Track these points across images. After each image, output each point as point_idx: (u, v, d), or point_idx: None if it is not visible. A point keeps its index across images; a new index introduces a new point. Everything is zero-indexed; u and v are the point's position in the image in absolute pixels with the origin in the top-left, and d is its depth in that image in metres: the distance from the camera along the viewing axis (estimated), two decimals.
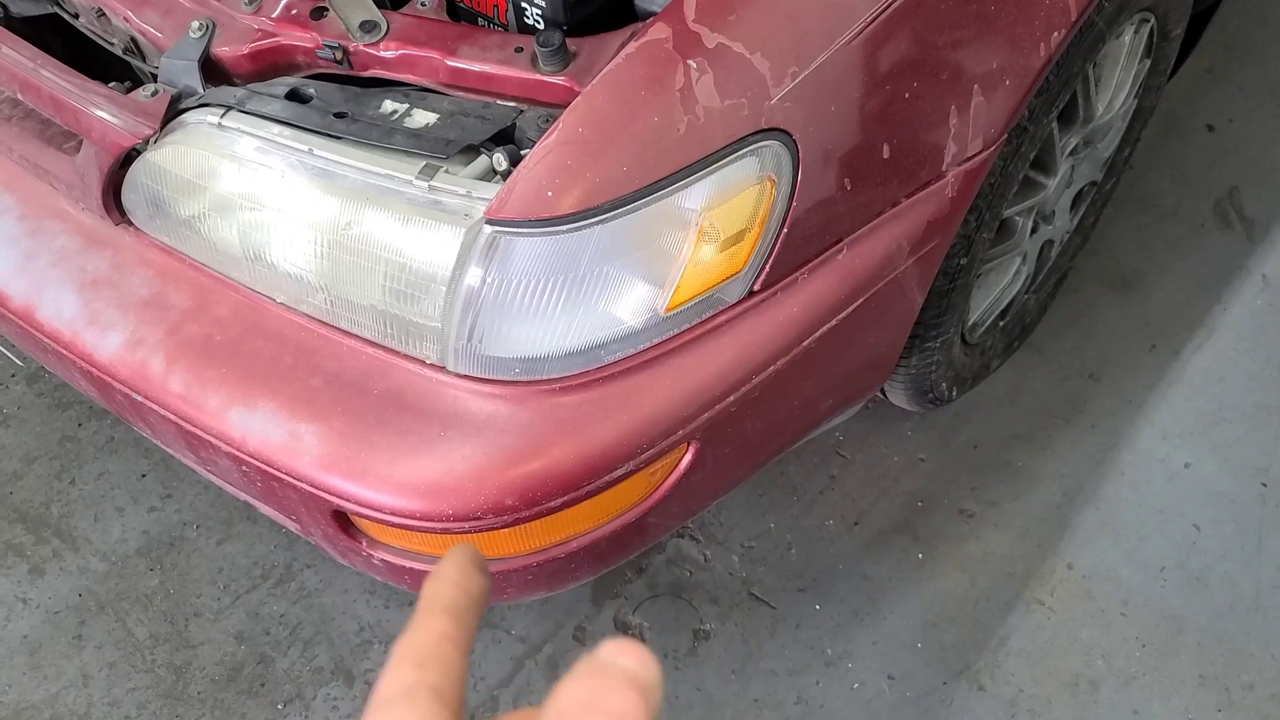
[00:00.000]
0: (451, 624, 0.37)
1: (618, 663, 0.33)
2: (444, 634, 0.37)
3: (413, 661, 0.35)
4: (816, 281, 1.07)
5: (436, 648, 0.36)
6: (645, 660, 0.33)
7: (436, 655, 0.36)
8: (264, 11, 1.04)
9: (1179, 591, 1.56)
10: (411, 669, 0.35)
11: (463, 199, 0.94)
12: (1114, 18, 1.25)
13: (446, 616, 0.37)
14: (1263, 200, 1.92)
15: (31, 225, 1.13)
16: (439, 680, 0.35)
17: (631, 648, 0.34)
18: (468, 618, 0.38)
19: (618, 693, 0.32)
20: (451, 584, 0.39)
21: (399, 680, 0.35)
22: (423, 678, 0.35)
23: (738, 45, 0.93)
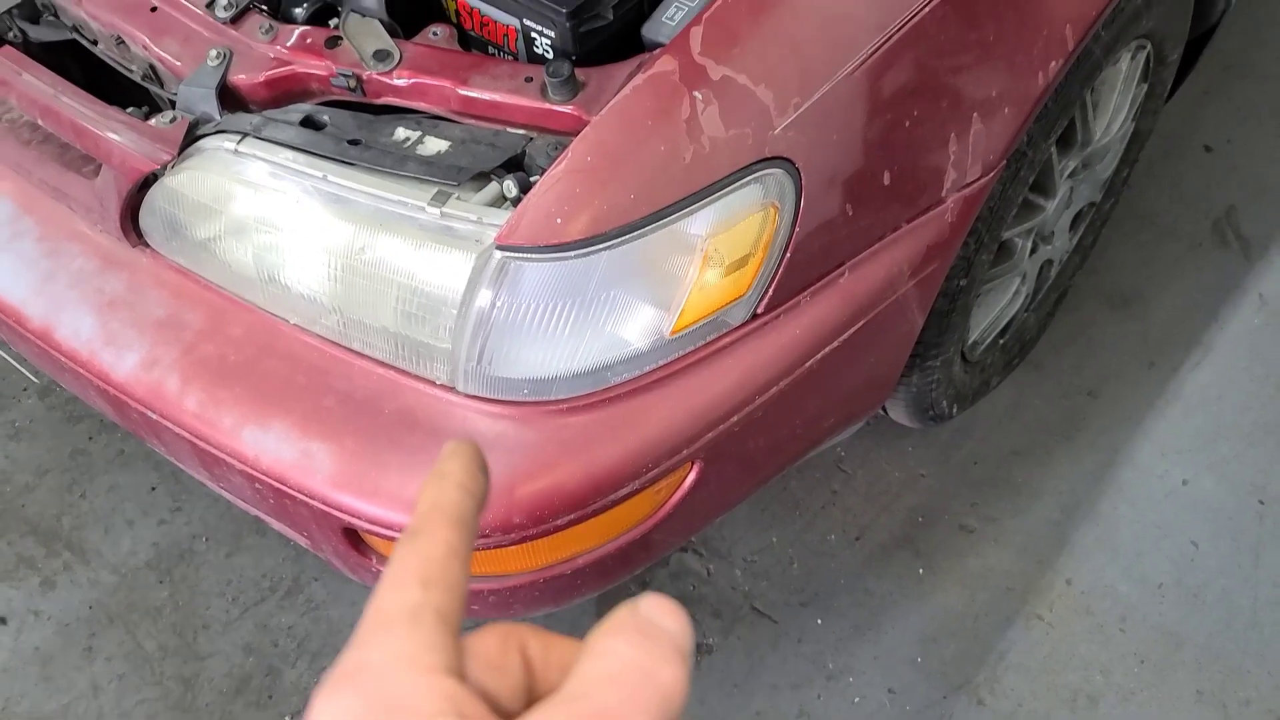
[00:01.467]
0: (458, 536, 0.34)
1: (664, 625, 0.32)
2: (451, 548, 0.34)
3: (418, 578, 0.33)
4: (819, 304, 1.09)
5: (443, 564, 0.33)
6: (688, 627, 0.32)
7: (443, 573, 0.33)
8: (280, 40, 1.06)
9: (1177, 607, 1.57)
10: (416, 587, 0.33)
11: (474, 225, 0.96)
12: (1111, 46, 1.27)
13: (453, 527, 0.34)
14: (1260, 219, 1.94)
15: (50, 247, 1.15)
16: (444, 602, 0.33)
17: (674, 609, 0.32)
18: (472, 527, 0.35)
19: (668, 664, 0.31)
20: (457, 487, 0.36)
21: (403, 598, 0.32)
22: (428, 598, 0.32)
23: (742, 77, 0.95)
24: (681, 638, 0.32)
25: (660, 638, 0.31)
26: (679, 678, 0.31)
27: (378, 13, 1.06)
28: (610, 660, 0.31)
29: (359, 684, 0.31)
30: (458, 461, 0.36)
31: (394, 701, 0.30)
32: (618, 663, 0.31)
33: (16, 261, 1.16)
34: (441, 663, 0.31)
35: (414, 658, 0.31)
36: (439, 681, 0.31)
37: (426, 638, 0.32)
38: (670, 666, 0.31)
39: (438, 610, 0.32)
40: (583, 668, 0.31)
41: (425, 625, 0.32)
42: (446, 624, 0.32)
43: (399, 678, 0.31)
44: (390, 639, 0.32)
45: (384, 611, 0.32)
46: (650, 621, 0.32)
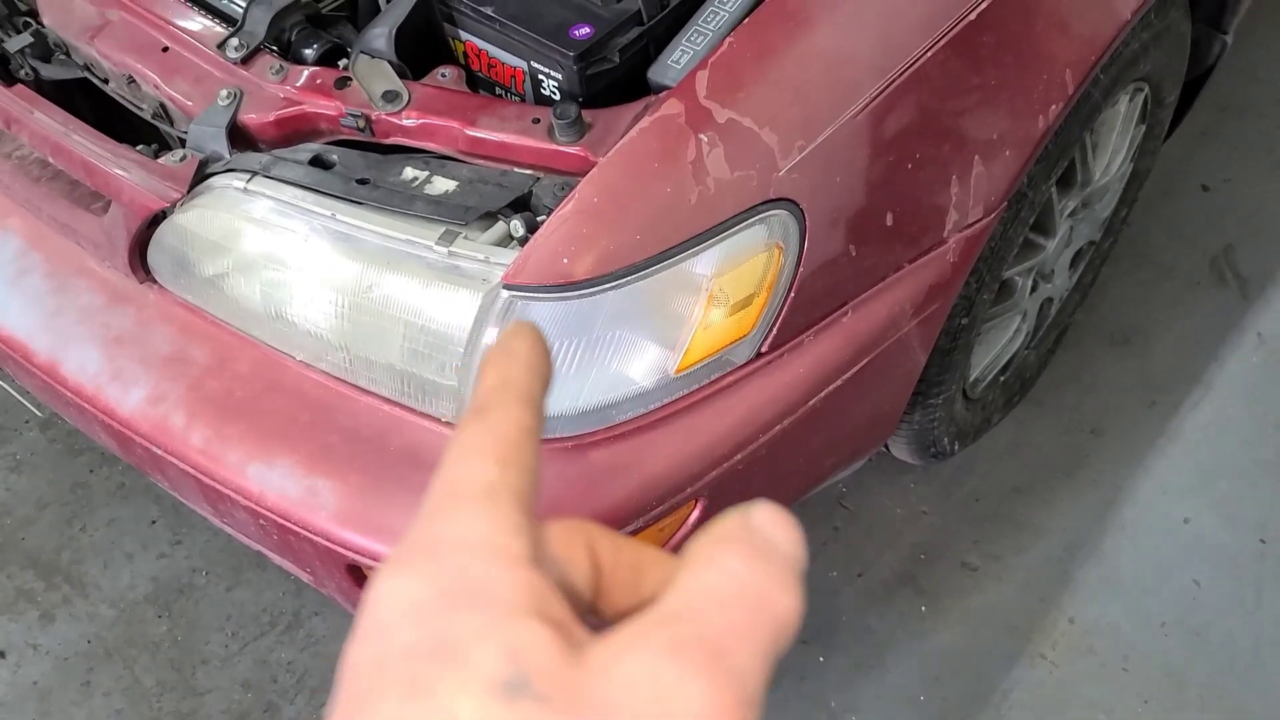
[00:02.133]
0: (531, 415, 0.31)
1: (779, 540, 0.28)
2: (525, 428, 0.31)
3: (495, 457, 0.29)
4: (822, 343, 1.10)
5: (518, 444, 0.30)
6: (800, 541, 0.28)
7: (518, 453, 0.30)
8: (289, 81, 1.07)
9: (1180, 646, 1.57)
10: (493, 464, 0.29)
11: (481, 264, 0.97)
12: (1109, 88, 1.29)
13: (525, 406, 0.31)
14: (1257, 258, 1.95)
15: (58, 283, 1.16)
16: (521, 482, 0.29)
17: (791, 525, 0.28)
18: (542, 410, 0.32)
19: (785, 590, 0.27)
20: (527, 366, 0.32)
21: (478, 473, 0.29)
22: (505, 477, 0.29)
23: (747, 120, 0.96)
24: (799, 559, 0.28)
25: (777, 557, 0.27)
26: (795, 608, 0.27)
27: (387, 54, 1.07)
28: (720, 577, 0.27)
29: (430, 564, 0.27)
30: (524, 340, 0.33)
31: (471, 588, 0.26)
32: (729, 582, 0.27)
33: (24, 297, 1.16)
34: (523, 550, 0.28)
35: (493, 541, 0.27)
36: (520, 571, 0.27)
37: (507, 519, 0.28)
38: (787, 594, 0.27)
39: (515, 491, 0.29)
40: (687, 580, 0.27)
41: (504, 506, 0.28)
42: (526, 509, 0.29)
43: (476, 561, 0.27)
44: (467, 516, 0.28)
45: (457, 485, 0.29)
46: (764, 535, 0.28)
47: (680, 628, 0.26)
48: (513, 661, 0.25)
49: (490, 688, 0.25)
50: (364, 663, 0.26)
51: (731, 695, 0.25)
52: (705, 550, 0.28)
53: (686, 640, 0.26)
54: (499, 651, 0.25)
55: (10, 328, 1.16)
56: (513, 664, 0.25)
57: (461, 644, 0.25)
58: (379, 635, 0.26)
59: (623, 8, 1.06)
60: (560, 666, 0.25)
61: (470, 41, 1.11)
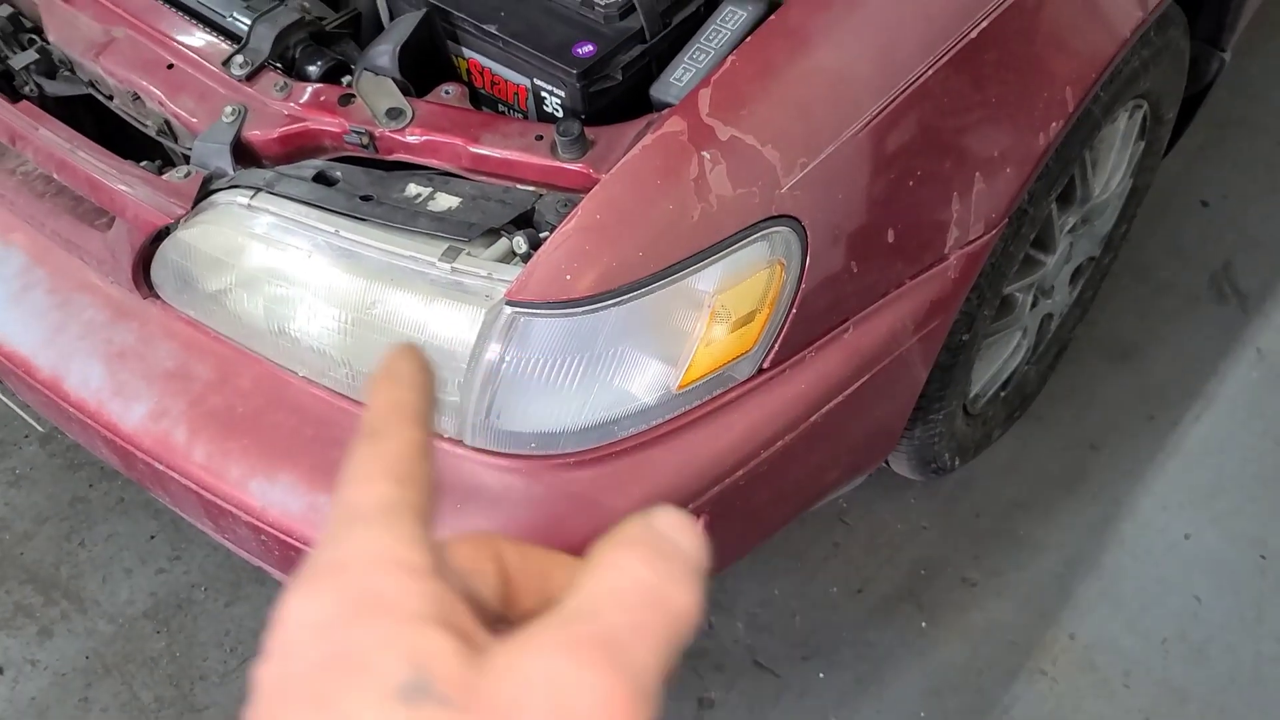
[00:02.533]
0: (423, 435, 0.32)
1: (679, 542, 0.29)
2: (418, 446, 0.31)
3: (391, 476, 0.30)
4: (824, 359, 1.10)
5: (414, 462, 0.31)
6: (700, 545, 0.29)
7: (414, 471, 0.30)
8: (294, 98, 1.08)
9: (1181, 662, 1.57)
10: (391, 484, 0.30)
11: (484, 280, 0.97)
12: (1109, 106, 1.30)
13: (416, 426, 0.32)
14: (1256, 274, 1.96)
15: (61, 298, 1.16)
16: (420, 500, 0.30)
17: (690, 525, 0.29)
18: (431, 428, 0.33)
19: (683, 587, 0.28)
20: (413, 387, 0.33)
21: (376, 494, 0.30)
22: (404, 494, 0.30)
23: (749, 138, 0.97)
24: (697, 557, 0.29)
25: (675, 556, 0.28)
26: (693, 603, 0.28)
27: (390, 71, 1.07)
28: (619, 577, 0.28)
29: (333, 582, 0.28)
30: (408, 363, 0.34)
31: (372, 600, 0.27)
32: (628, 581, 0.28)
33: (27, 312, 1.16)
34: (423, 561, 0.28)
35: (393, 554, 0.28)
36: (421, 581, 0.28)
37: (406, 534, 0.29)
38: (685, 590, 0.28)
39: (414, 507, 0.30)
40: (588, 583, 0.28)
41: (404, 521, 0.29)
42: (424, 523, 0.30)
43: (377, 574, 0.28)
44: (367, 533, 0.29)
45: (355, 506, 0.29)
46: (665, 537, 0.29)
47: (577, 626, 0.27)
48: (414, 666, 0.26)
49: (392, 693, 0.25)
50: (271, 681, 0.27)
51: (626, 688, 0.26)
52: (607, 552, 0.29)
53: (582, 638, 0.26)
54: (400, 657, 0.26)
55: (14, 343, 1.16)
56: (414, 669, 0.26)
57: (363, 653, 0.26)
58: (285, 654, 0.27)
59: (625, 26, 1.07)
60: (462, 670, 0.26)
61: (473, 59, 1.12)
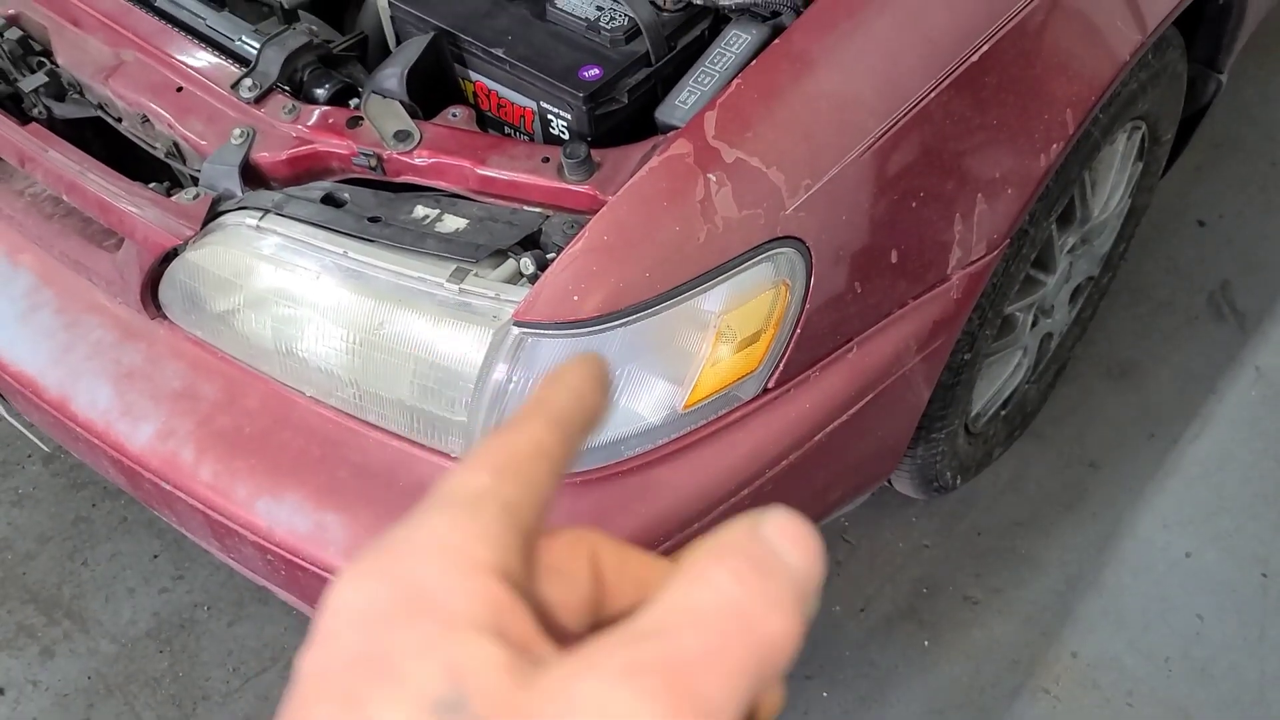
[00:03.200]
0: (552, 436, 0.29)
1: (787, 557, 0.25)
2: (540, 445, 0.29)
3: (493, 466, 0.28)
4: (828, 379, 1.11)
5: (526, 458, 0.28)
6: (815, 558, 0.26)
7: (522, 466, 0.28)
8: (302, 120, 1.09)
9: (1184, 681, 1.57)
10: (487, 473, 0.28)
11: (491, 301, 0.98)
12: (1108, 127, 1.31)
13: (549, 426, 0.30)
14: (1253, 293, 1.97)
15: (69, 319, 1.17)
16: (517, 495, 0.27)
17: (806, 537, 0.26)
18: (573, 437, 0.30)
19: (779, 613, 0.24)
20: (569, 390, 0.31)
21: (468, 483, 0.27)
22: (498, 487, 0.27)
23: (755, 160, 0.98)
24: (807, 575, 0.25)
25: (778, 574, 0.25)
26: (789, 633, 0.24)
27: (398, 94, 1.08)
28: (704, 592, 0.24)
29: (388, 569, 0.26)
30: (579, 369, 0.32)
31: (422, 597, 0.25)
32: (713, 598, 0.24)
33: (35, 332, 1.17)
34: (492, 560, 0.26)
35: (458, 547, 0.26)
36: (480, 580, 0.25)
37: (483, 528, 0.26)
38: (781, 617, 0.24)
39: (505, 502, 0.27)
40: (668, 595, 0.25)
41: (485, 514, 0.27)
42: (513, 520, 0.27)
43: (434, 568, 0.25)
44: (440, 520, 0.26)
45: (444, 493, 0.28)
46: (770, 550, 0.25)
47: (644, 648, 0.24)
48: (452, 680, 0.24)
49: (424, 706, 0.23)
50: (310, 671, 0.26)
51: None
52: (700, 562, 0.25)
53: (647, 662, 0.23)
54: (438, 668, 0.24)
55: (21, 363, 1.16)
56: (451, 682, 0.24)
57: (401, 658, 0.24)
58: (327, 643, 0.26)
59: (630, 49, 1.08)
60: (504, 687, 0.24)
61: (480, 82, 1.13)
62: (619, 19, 1.09)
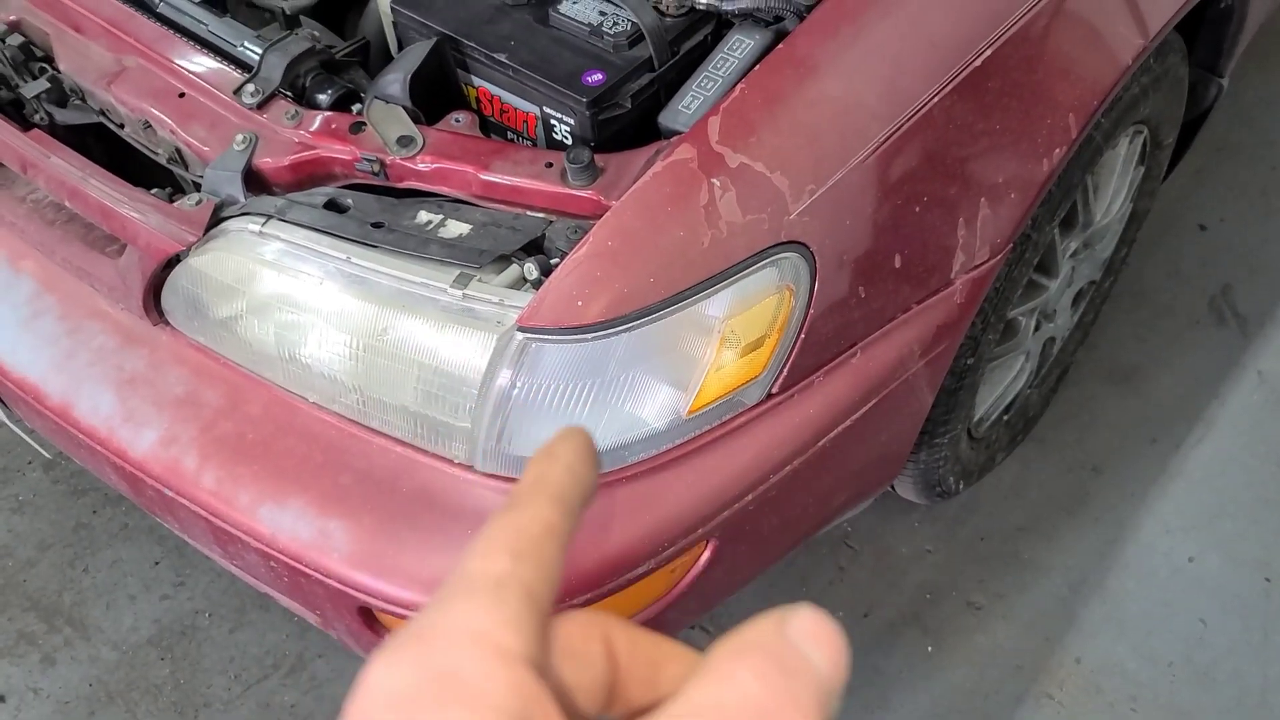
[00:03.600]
0: (558, 515, 0.31)
1: (811, 657, 0.26)
2: (549, 525, 0.30)
3: (510, 550, 0.29)
4: (832, 384, 1.11)
5: (538, 540, 0.30)
6: (842, 662, 0.27)
7: (536, 549, 0.29)
8: (304, 126, 1.09)
9: (1187, 686, 1.56)
10: (507, 558, 0.29)
11: (495, 307, 0.98)
12: (1110, 132, 1.31)
13: (554, 505, 0.31)
14: (1255, 297, 1.97)
15: (71, 325, 1.16)
16: (535, 578, 0.29)
17: (832, 637, 0.27)
18: (574, 511, 0.31)
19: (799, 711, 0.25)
20: (565, 468, 0.32)
21: (489, 568, 0.29)
22: (517, 571, 0.28)
23: (759, 165, 0.98)
24: (831, 678, 0.26)
25: (802, 676, 0.26)
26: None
27: (401, 100, 1.08)
28: (729, 692, 0.25)
29: (421, 654, 0.27)
30: (569, 444, 0.33)
31: (456, 683, 0.26)
32: (737, 698, 0.25)
33: (38, 338, 1.17)
34: (520, 648, 0.27)
35: (488, 634, 0.27)
36: (512, 669, 0.26)
37: (510, 614, 0.27)
38: (804, 715, 0.25)
39: (526, 587, 0.28)
40: (694, 692, 0.26)
41: (510, 601, 0.27)
42: (534, 605, 0.28)
43: (466, 655, 0.26)
44: (468, 607, 0.27)
45: (467, 576, 0.28)
46: (795, 651, 0.26)
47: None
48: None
49: None
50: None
51: None
52: (724, 659, 0.26)
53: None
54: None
55: (24, 369, 1.16)
56: None
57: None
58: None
59: (634, 54, 1.08)
60: None
61: (483, 87, 1.13)
62: (622, 24, 1.09)
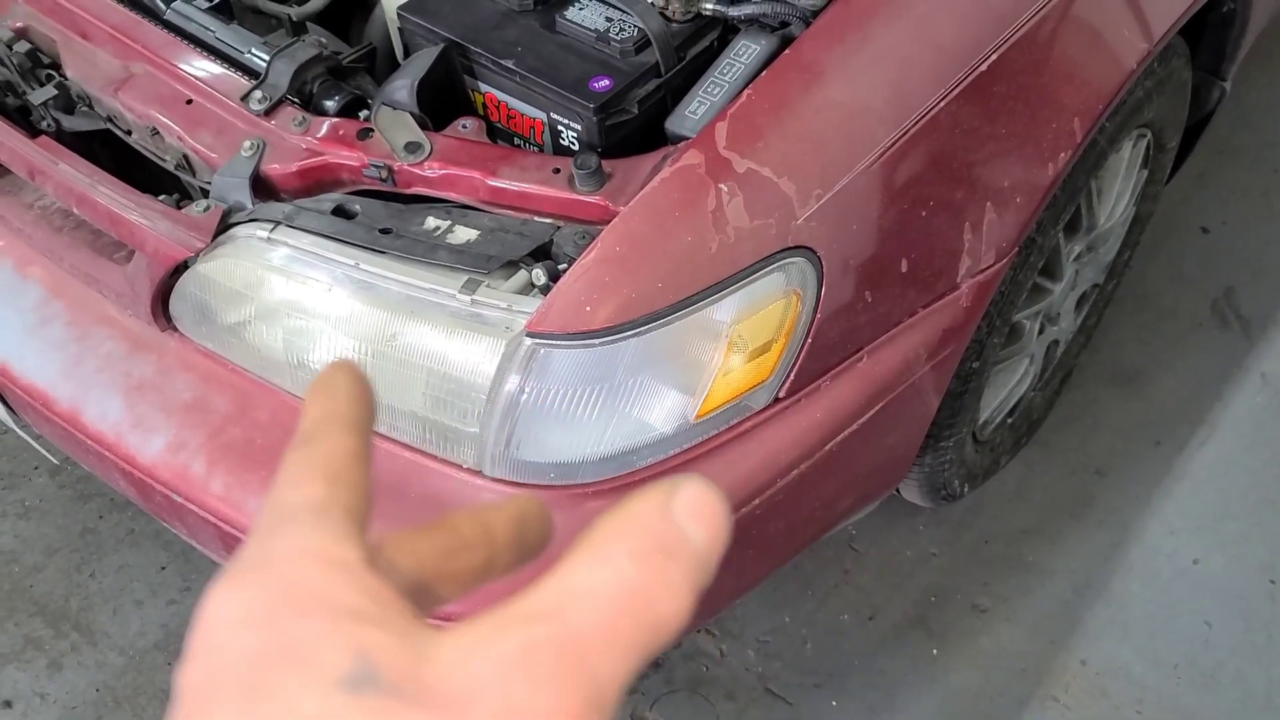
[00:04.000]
0: (357, 440, 0.31)
1: (692, 535, 0.26)
2: (351, 451, 0.31)
3: (322, 477, 0.29)
4: (838, 388, 1.11)
5: (346, 465, 0.30)
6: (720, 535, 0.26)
7: (346, 473, 0.30)
8: (311, 132, 1.09)
9: (1192, 689, 1.57)
10: (321, 484, 0.29)
11: (503, 312, 0.98)
12: (1115, 136, 1.32)
13: (350, 432, 0.31)
14: (1258, 300, 1.97)
15: (79, 331, 1.17)
16: (352, 501, 0.29)
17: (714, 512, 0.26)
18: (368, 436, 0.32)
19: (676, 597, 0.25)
20: (349, 398, 0.32)
21: (306, 496, 0.29)
22: (334, 495, 0.29)
23: (766, 170, 0.98)
24: (709, 555, 0.26)
25: (680, 558, 0.25)
26: (681, 615, 0.25)
27: (408, 106, 1.09)
28: (604, 575, 0.25)
29: (264, 577, 0.26)
30: (345, 376, 0.33)
31: (309, 595, 0.26)
32: (611, 581, 0.25)
33: (46, 345, 1.17)
34: (357, 557, 0.27)
35: (324, 551, 0.27)
36: (355, 577, 0.26)
37: (338, 532, 0.28)
38: (675, 600, 0.25)
39: (346, 507, 0.29)
40: (569, 573, 0.25)
41: (335, 520, 0.28)
42: (357, 523, 0.29)
43: (311, 570, 0.26)
44: (298, 530, 0.28)
45: (285, 506, 0.29)
46: (676, 530, 0.26)
47: (540, 628, 0.25)
48: (359, 657, 0.24)
49: (336, 682, 0.24)
50: (196, 680, 0.25)
51: (581, 702, 0.24)
52: (604, 540, 0.26)
53: (541, 641, 0.24)
54: (343, 648, 0.24)
55: (32, 375, 1.16)
56: (358, 659, 0.24)
57: (302, 644, 0.25)
58: (211, 651, 0.26)
59: (640, 60, 1.08)
60: (409, 661, 0.24)
61: (490, 93, 1.13)
62: (628, 30, 1.09)
